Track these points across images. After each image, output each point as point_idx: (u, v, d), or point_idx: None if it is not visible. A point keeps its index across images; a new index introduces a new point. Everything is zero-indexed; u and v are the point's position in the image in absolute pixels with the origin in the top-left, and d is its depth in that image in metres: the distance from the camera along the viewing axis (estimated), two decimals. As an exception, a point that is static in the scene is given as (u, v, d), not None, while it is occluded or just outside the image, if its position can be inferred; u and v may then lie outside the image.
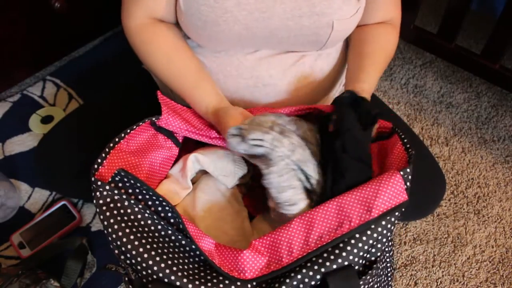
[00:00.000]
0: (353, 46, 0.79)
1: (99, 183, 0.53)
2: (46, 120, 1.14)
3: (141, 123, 0.64)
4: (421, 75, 1.30)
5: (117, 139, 0.61)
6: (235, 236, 0.66)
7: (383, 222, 0.52)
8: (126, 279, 0.57)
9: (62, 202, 0.98)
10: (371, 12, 0.76)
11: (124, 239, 0.51)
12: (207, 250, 0.54)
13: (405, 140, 0.61)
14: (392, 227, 0.53)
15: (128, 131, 0.62)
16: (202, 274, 0.51)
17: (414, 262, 0.95)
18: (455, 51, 1.09)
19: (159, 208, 0.54)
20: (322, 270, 0.50)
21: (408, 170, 0.54)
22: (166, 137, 0.68)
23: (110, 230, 0.52)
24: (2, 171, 0.99)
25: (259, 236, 0.55)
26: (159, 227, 0.53)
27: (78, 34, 1.23)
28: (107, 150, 0.58)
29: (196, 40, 0.73)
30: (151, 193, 0.54)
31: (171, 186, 0.67)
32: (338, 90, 0.88)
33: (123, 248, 0.51)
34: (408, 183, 0.54)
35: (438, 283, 0.93)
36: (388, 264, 0.65)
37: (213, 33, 0.68)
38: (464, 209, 1.04)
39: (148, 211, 0.53)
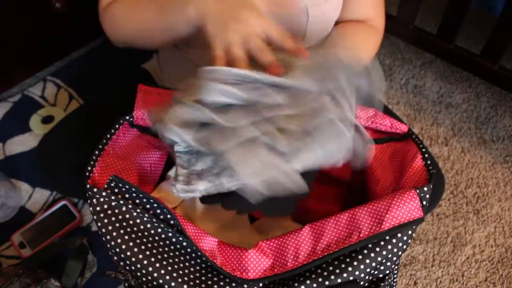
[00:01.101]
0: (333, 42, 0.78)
1: (94, 189, 0.52)
2: (46, 120, 1.14)
3: (117, 125, 0.63)
4: (420, 75, 1.30)
5: (101, 145, 0.59)
6: (235, 238, 0.65)
7: (394, 240, 0.51)
8: (126, 284, 0.57)
9: (63, 202, 0.98)
10: (349, 6, 0.77)
11: (123, 246, 0.50)
12: (208, 250, 0.53)
13: (426, 155, 0.58)
14: (405, 246, 0.52)
15: (109, 136, 0.61)
16: (203, 278, 0.51)
17: (414, 261, 0.96)
18: (454, 51, 1.09)
19: (158, 211, 0.53)
20: (326, 283, 0.49)
21: (425, 189, 0.52)
22: (153, 137, 0.67)
23: (108, 237, 0.51)
24: (2, 171, 0.99)
25: (260, 238, 0.54)
26: (159, 230, 0.52)
27: (78, 34, 1.23)
28: (94, 157, 0.57)
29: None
30: (147, 197, 0.53)
31: (170, 188, 0.66)
32: None
33: (122, 255, 0.50)
34: (424, 202, 0.52)
35: (438, 283, 0.93)
36: (395, 276, 0.64)
37: None
38: (463, 209, 1.04)
39: (146, 215, 0.52)
